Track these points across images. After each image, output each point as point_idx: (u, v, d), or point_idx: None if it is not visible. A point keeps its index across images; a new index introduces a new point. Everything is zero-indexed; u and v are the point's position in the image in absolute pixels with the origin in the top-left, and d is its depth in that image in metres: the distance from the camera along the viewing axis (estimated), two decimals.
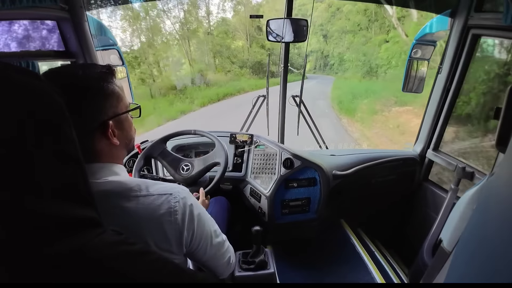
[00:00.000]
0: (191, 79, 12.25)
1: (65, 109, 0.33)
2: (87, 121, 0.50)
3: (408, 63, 1.45)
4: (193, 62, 13.75)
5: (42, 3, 0.91)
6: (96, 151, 0.52)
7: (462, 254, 0.49)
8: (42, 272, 0.28)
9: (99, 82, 0.52)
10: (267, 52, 15.76)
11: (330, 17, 16.99)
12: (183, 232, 0.53)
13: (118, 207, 0.48)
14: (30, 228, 0.28)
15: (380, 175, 1.46)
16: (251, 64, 15.13)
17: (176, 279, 0.41)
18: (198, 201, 0.59)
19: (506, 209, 0.37)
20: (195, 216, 0.55)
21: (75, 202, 0.32)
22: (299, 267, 1.26)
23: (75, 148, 0.34)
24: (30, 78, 0.31)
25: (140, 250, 0.38)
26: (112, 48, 1.34)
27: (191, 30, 14.10)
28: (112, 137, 0.53)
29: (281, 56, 1.35)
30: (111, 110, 0.53)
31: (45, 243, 0.29)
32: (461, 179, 1.18)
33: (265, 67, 14.40)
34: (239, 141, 1.37)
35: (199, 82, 12.18)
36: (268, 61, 1.71)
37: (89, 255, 0.32)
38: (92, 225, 0.34)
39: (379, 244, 1.59)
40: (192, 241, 0.56)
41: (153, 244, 0.49)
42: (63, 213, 0.30)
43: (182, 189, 0.56)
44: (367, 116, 7.68)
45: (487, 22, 1.08)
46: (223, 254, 0.67)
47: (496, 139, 0.61)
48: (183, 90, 11.03)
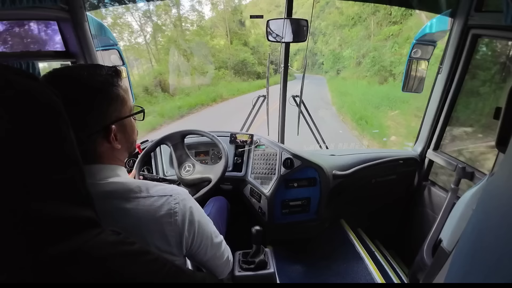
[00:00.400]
0: (144, 87, 8.65)
1: (63, 110, 0.33)
2: (90, 125, 0.50)
3: (408, 63, 1.45)
4: (158, 62, 11.14)
5: (42, 3, 0.91)
6: (97, 153, 0.52)
7: (462, 254, 0.49)
8: (42, 273, 0.28)
9: (104, 85, 0.51)
10: (251, 51, 14.28)
11: (319, 12, 15.87)
12: (183, 233, 0.53)
13: (118, 208, 0.48)
14: (29, 229, 0.28)
15: (380, 175, 1.46)
16: (232, 64, 13.24)
17: (175, 279, 0.41)
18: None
19: (506, 209, 0.37)
20: (195, 218, 0.56)
21: (73, 202, 0.32)
22: (299, 267, 1.26)
23: (73, 149, 0.34)
24: (27, 79, 0.31)
25: (139, 250, 0.38)
26: (112, 48, 1.34)
27: (155, 24, 11.56)
28: (114, 141, 0.53)
29: (281, 56, 1.35)
30: (115, 114, 0.53)
31: (44, 244, 0.29)
32: (461, 179, 1.18)
33: (249, 67, 13.59)
34: (239, 141, 1.37)
35: (160, 89, 8.94)
36: (268, 61, 1.71)
37: (87, 255, 0.32)
38: (91, 225, 0.34)
39: (379, 244, 1.59)
40: (193, 242, 0.56)
41: (153, 245, 0.49)
42: (61, 213, 0.31)
43: (182, 190, 0.56)
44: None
45: (487, 22, 1.08)
46: (222, 253, 0.67)
47: (496, 139, 0.61)
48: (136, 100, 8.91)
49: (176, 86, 9.81)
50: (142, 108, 0.62)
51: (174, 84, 9.81)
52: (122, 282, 0.34)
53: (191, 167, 1.15)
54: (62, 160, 0.32)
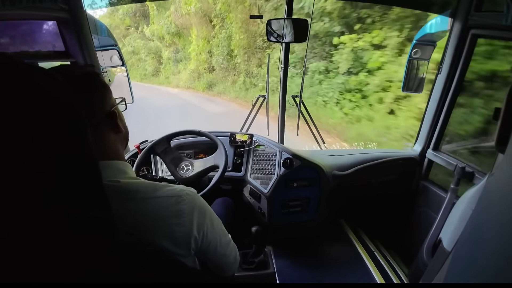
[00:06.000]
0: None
1: (81, 110, 0.33)
2: (96, 111, 0.52)
3: (408, 63, 1.45)
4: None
5: (42, 3, 0.91)
6: (102, 144, 0.53)
7: (462, 254, 0.49)
8: (61, 275, 0.28)
9: (95, 73, 0.55)
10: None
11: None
12: (191, 234, 0.53)
13: (126, 209, 0.48)
14: (49, 230, 0.28)
15: (380, 175, 1.46)
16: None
17: (187, 279, 0.41)
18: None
19: (505, 209, 0.37)
20: (204, 219, 0.56)
21: (91, 203, 0.32)
22: (299, 267, 1.26)
23: (90, 148, 0.34)
24: (50, 77, 0.31)
25: (155, 251, 0.38)
26: (112, 48, 1.34)
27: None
28: (119, 126, 0.56)
29: (281, 56, 1.35)
30: (110, 101, 0.56)
31: (65, 245, 0.29)
32: (461, 179, 1.18)
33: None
34: (239, 141, 1.38)
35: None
36: (268, 62, 1.71)
37: (107, 258, 0.32)
38: (107, 226, 0.34)
39: (379, 244, 1.59)
40: (202, 242, 0.56)
41: (161, 246, 0.49)
42: (80, 215, 0.30)
43: (191, 191, 0.56)
44: None
45: (487, 22, 1.08)
46: (231, 252, 0.68)
47: (496, 139, 0.61)
48: None
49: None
50: (123, 98, 0.65)
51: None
52: (142, 283, 0.34)
53: (189, 166, 1.15)
54: (81, 160, 0.32)
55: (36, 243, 0.27)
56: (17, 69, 0.28)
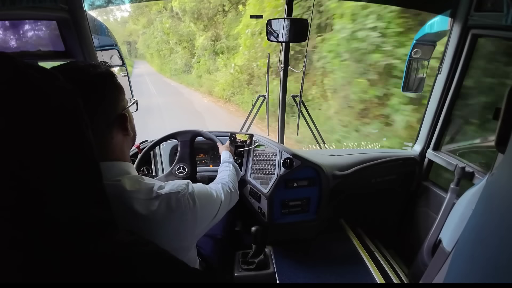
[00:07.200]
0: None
1: (83, 111, 0.33)
2: (107, 112, 0.52)
3: (408, 63, 1.45)
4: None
5: (42, 3, 0.91)
6: (110, 147, 0.53)
7: (462, 254, 0.50)
8: (64, 275, 0.28)
9: (109, 74, 0.54)
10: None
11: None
12: (195, 224, 0.56)
13: (127, 208, 0.48)
14: (49, 231, 0.28)
15: (380, 175, 1.46)
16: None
17: (186, 279, 0.41)
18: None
19: (505, 209, 0.37)
20: (200, 203, 0.58)
21: (91, 204, 0.33)
22: (299, 267, 1.26)
23: (91, 150, 0.34)
24: (50, 78, 0.31)
25: (154, 250, 0.38)
26: (112, 48, 1.34)
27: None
28: (129, 128, 0.56)
29: (281, 56, 1.35)
30: (122, 103, 0.56)
31: (65, 246, 0.29)
32: (460, 179, 1.18)
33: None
34: (238, 141, 1.37)
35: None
36: (268, 62, 1.70)
37: (107, 257, 0.32)
38: (108, 226, 0.34)
39: (379, 244, 1.58)
40: (208, 222, 0.62)
41: (165, 243, 0.49)
42: (80, 215, 0.30)
43: (185, 183, 0.57)
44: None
45: (487, 22, 1.08)
46: (226, 198, 0.77)
47: (496, 139, 0.61)
48: None
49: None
50: (135, 99, 0.65)
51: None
52: (137, 282, 0.34)
53: (185, 170, 1.16)
54: (81, 161, 0.32)
55: (37, 243, 0.27)
56: (17, 69, 0.28)
